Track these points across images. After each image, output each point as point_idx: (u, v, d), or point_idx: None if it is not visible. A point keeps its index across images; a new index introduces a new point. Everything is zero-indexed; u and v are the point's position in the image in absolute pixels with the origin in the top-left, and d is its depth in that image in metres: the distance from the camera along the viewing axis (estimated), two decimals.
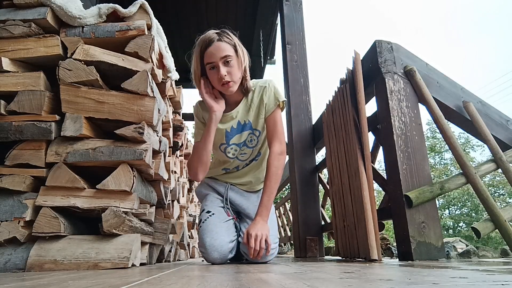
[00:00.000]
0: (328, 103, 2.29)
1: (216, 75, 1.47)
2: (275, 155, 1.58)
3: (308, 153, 2.77)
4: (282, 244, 5.91)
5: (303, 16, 3.11)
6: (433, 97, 1.74)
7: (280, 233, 5.58)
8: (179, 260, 2.69)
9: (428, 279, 0.66)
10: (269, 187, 1.55)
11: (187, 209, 3.29)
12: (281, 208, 5.53)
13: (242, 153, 1.69)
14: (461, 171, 1.70)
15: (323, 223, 2.70)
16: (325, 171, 2.65)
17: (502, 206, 1.72)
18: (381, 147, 1.88)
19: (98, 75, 1.40)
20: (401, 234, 1.55)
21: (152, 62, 1.52)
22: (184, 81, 3.24)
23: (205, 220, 1.63)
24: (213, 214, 1.65)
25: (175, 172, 2.40)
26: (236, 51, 1.48)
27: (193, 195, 3.70)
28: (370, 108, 1.96)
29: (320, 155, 3.87)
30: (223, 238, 1.56)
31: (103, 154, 1.37)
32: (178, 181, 2.52)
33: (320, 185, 2.85)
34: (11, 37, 1.42)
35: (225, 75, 1.45)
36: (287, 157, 2.93)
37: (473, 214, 20.80)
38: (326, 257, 2.74)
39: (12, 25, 1.42)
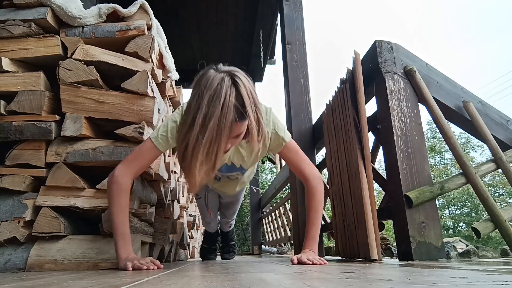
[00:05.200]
0: (328, 103, 2.29)
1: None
2: (314, 185, 1.42)
3: (308, 153, 2.76)
4: (282, 244, 5.91)
5: (303, 16, 3.11)
6: (433, 97, 1.74)
7: (280, 233, 5.58)
8: (179, 260, 2.68)
9: (428, 279, 0.66)
10: (316, 218, 1.45)
11: (187, 209, 3.29)
12: (281, 208, 5.53)
13: (222, 179, 1.72)
14: (461, 171, 1.70)
15: (323, 223, 2.70)
16: (325, 171, 2.64)
17: (502, 206, 1.72)
18: (381, 147, 1.88)
19: (98, 75, 1.40)
20: (401, 234, 1.55)
21: (152, 62, 1.52)
22: (184, 81, 3.24)
23: (198, 198, 2.17)
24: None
25: (175, 172, 2.40)
26: (249, 120, 1.11)
27: (193, 195, 3.70)
28: (370, 108, 1.96)
29: (320, 155, 3.87)
30: (215, 201, 2.21)
31: (103, 154, 1.37)
32: (178, 181, 2.52)
33: None
34: (11, 37, 1.42)
35: (229, 147, 1.18)
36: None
37: (473, 214, 20.79)
38: (326, 257, 2.74)
39: (12, 25, 1.42)
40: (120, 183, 1.23)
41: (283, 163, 4.52)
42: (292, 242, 4.48)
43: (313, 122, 2.81)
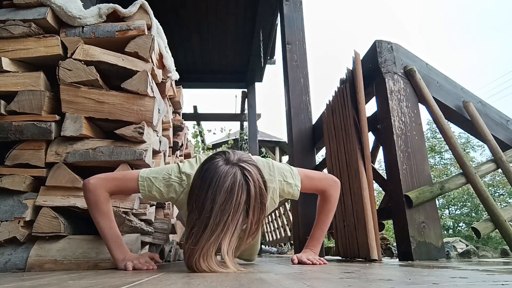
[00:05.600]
0: (328, 103, 2.29)
1: None
2: (330, 192, 1.36)
3: (308, 153, 2.77)
4: (282, 244, 5.91)
5: (303, 16, 3.11)
6: (433, 97, 1.74)
7: (280, 233, 5.58)
8: (179, 260, 2.68)
9: (428, 279, 0.66)
10: (323, 222, 1.41)
11: None
12: (281, 208, 5.53)
13: None
14: (461, 171, 1.70)
15: None
16: (325, 171, 2.65)
17: (502, 206, 1.72)
18: (381, 147, 1.88)
19: (98, 75, 1.40)
20: (401, 234, 1.55)
21: (152, 62, 1.52)
22: (184, 81, 3.24)
23: None
24: None
25: None
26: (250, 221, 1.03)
27: None
28: (370, 108, 1.96)
29: (320, 155, 3.87)
30: None
31: (103, 154, 1.37)
32: None
33: None
34: (11, 37, 1.42)
35: None
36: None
37: (473, 214, 20.78)
38: (326, 257, 2.74)
39: (12, 25, 1.42)
40: (98, 194, 1.17)
41: None
42: (292, 242, 4.48)
43: (313, 122, 2.81)
